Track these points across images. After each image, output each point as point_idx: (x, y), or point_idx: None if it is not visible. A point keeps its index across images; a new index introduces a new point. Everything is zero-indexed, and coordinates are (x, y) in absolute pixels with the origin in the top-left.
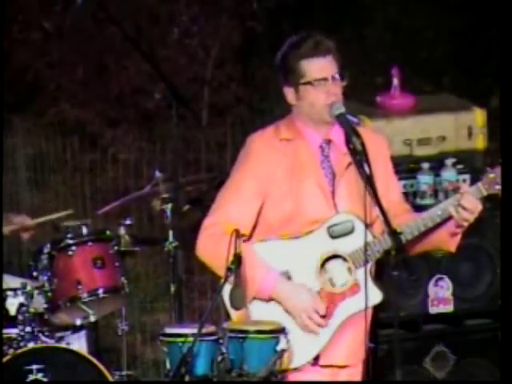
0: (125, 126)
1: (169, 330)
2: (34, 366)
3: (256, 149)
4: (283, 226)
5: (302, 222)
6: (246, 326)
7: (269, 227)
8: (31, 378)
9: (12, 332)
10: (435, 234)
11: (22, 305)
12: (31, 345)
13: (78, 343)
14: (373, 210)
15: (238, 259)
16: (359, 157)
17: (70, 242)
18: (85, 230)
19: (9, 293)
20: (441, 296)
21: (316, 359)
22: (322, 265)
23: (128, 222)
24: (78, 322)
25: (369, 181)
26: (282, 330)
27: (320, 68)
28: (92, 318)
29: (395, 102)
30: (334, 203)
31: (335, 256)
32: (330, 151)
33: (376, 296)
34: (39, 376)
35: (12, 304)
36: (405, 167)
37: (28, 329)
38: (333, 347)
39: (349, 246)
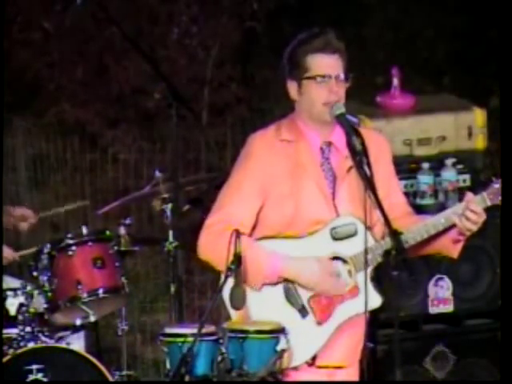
0: (125, 126)
1: (169, 330)
2: (34, 366)
3: (257, 149)
4: (283, 226)
5: (302, 223)
6: (246, 326)
7: (269, 227)
8: (31, 377)
9: (12, 332)
10: (438, 240)
11: (21, 305)
12: (31, 345)
13: (78, 343)
14: (373, 213)
15: (237, 259)
16: (359, 157)
17: (70, 241)
18: (85, 230)
19: (9, 293)
20: (441, 296)
21: (313, 359)
22: None
23: (128, 221)
24: (78, 322)
25: (369, 182)
26: (281, 330)
27: (325, 65)
28: (92, 318)
29: (395, 101)
30: (334, 205)
31: (336, 258)
32: (331, 153)
33: (375, 300)
34: (39, 376)
35: (12, 304)
36: (405, 167)
37: (28, 329)
38: (330, 348)
39: (351, 249)
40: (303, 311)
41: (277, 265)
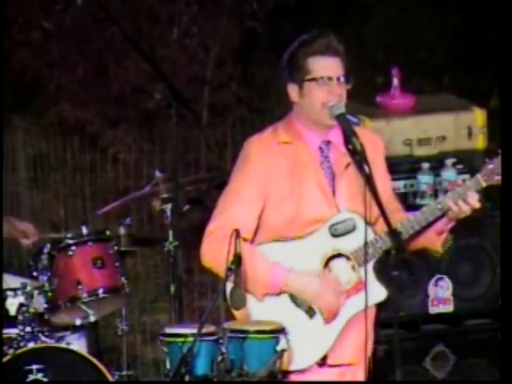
0: (125, 126)
1: (169, 330)
2: (34, 366)
3: (254, 153)
4: (285, 227)
5: (304, 222)
6: (246, 326)
7: (271, 230)
8: (31, 378)
9: (12, 332)
10: (423, 234)
11: (21, 305)
12: (31, 345)
13: (78, 343)
14: (373, 208)
15: (237, 259)
16: (358, 157)
17: (70, 241)
18: (85, 230)
19: (9, 293)
20: (441, 296)
21: (323, 359)
22: (326, 264)
23: (128, 221)
24: (78, 322)
25: (368, 180)
26: (282, 330)
27: (327, 67)
28: (92, 318)
29: (395, 101)
30: (335, 202)
31: (338, 255)
32: (330, 152)
33: (380, 294)
34: (39, 376)
35: (12, 304)
36: (405, 167)
37: (28, 329)
38: (340, 346)
39: (351, 245)
40: (310, 311)
41: (279, 278)
